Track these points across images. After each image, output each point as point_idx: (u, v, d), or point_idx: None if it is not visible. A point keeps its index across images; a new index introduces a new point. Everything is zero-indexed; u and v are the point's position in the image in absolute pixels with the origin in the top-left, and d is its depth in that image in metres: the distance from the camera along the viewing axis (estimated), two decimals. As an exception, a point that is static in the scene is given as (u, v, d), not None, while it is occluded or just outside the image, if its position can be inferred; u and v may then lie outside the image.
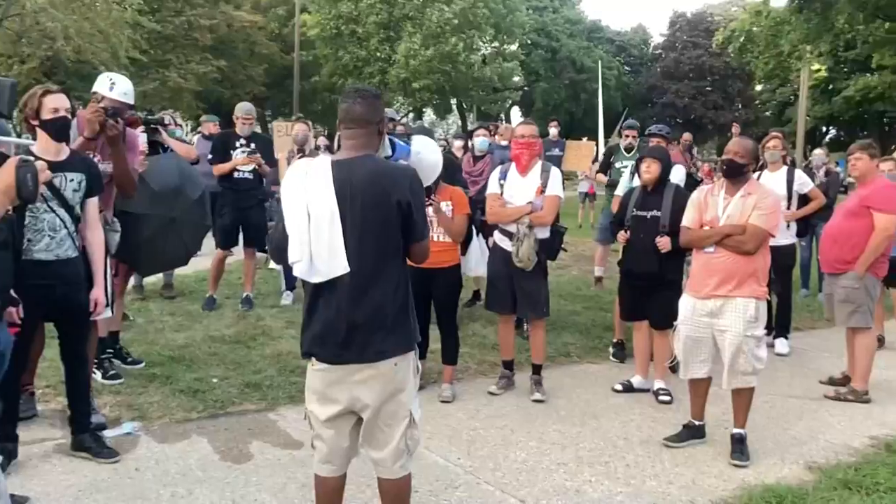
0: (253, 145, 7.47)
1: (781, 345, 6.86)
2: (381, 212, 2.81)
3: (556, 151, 11.20)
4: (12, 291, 3.44)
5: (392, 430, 2.92)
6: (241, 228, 7.49)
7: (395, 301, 2.87)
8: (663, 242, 5.33)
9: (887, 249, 5.68)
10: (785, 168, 6.78)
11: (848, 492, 3.97)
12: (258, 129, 9.22)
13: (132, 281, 7.47)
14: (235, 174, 7.39)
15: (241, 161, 7.36)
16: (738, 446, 4.45)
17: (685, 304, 4.63)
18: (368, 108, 2.89)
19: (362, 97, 2.91)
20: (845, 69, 35.10)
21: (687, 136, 12.00)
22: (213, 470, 4.01)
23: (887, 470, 4.24)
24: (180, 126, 9.00)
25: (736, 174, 4.50)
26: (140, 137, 5.76)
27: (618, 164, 8.77)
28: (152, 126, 6.11)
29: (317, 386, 2.92)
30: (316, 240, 2.76)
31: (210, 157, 7.52)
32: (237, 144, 7.45)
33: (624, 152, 8.72)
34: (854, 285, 5.60)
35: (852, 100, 34.55)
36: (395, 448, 2.93)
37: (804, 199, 6.94)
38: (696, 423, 4.71)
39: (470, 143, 8.17)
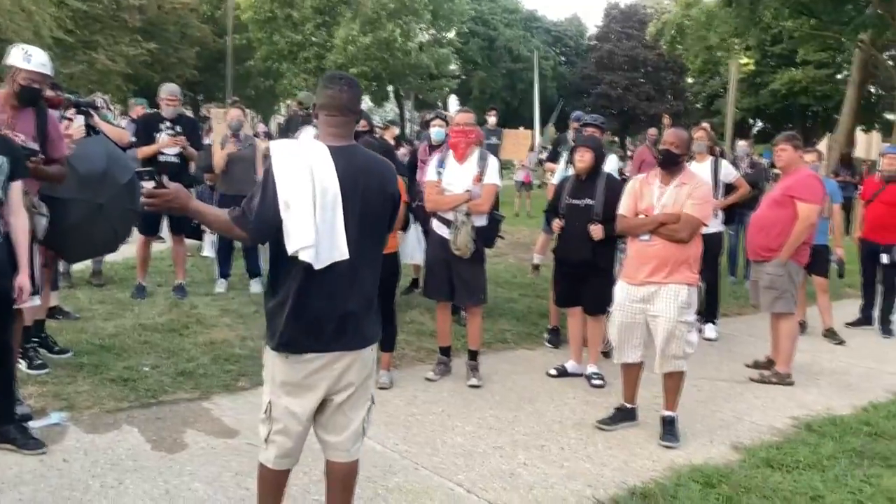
0: (178, 128, 7.25)
1: (710, 330, 7.06)
2: (378, 201, 2.86)
3: (494, 140, 11.25)
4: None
5: (356, 413, 2.94)
6: (167, 215, 7.18)
7: (376, 288, 2.96)
8: (596, 230, 5.43)
9: (809, 238, 5.91)
10: (711, 159, 6.97)
11: (770, 470, 4.14)
12: (189, 113, 9.00)
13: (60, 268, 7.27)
14: (160, 157, 7.14)
15: (166, 143, 7.13)
16: (668, 428, 4.59)
17: (620, 290, 4.73)
18: (354, 96, 2.89)
19: (349, 85, 2.88)
20: (772, 63, 36.19)
21: (653, 131, 12.15)
22: (145, 460, 3.93)
23: (807, 448, 4.44)
24: (111, 110, 8.72)
25: (672, 164, 4.62)
26: (76, 121, 5.59)
27: (565, 153, 8.87)
28: (83, 109, 5.90)
29: (293, 378, 2.79)
30: (321, 225, 2.68)
31: (133, 139, 7.26)
32: (161, 127, 7.22)
33: (571, 142, 8.82)
34: (778, 272, 5.81)
35: (778, 93, 35.70)
36: (355, 431, 2.95)
37: (730, 189, 7.16)
38: (628, 406, 4.83)
39: (425, 133, 8.16)
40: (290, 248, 2.67)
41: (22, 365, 4.89)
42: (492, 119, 11.90)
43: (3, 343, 4.00)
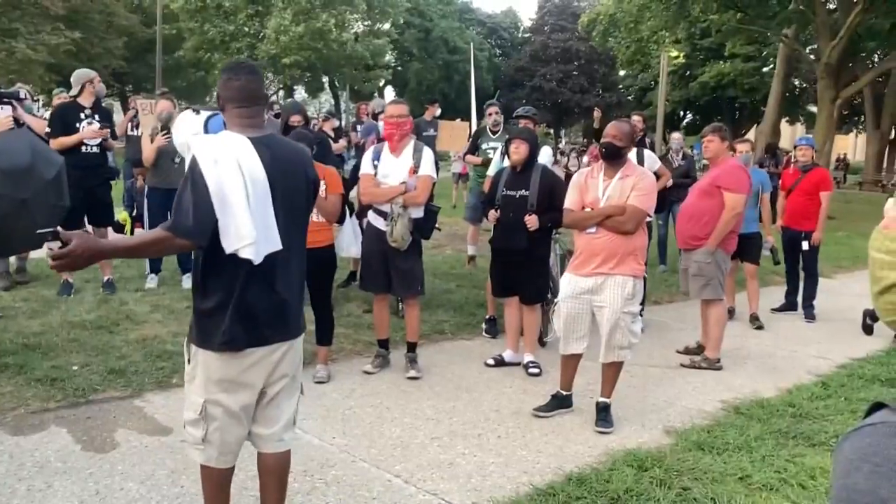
0: (97, 116, 7.03)
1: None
2: (300, 189, 2.85)
3: (432, 132, 11.27)
4: None
5: (288, 404, 2.94)
6: (88, 208, 6.98)
7: (304, 276, 2.96)
8: (531, 220, 5.49)
9: (737, 226, 6.09)
10: (635, 149, 7.07)
11: (701, 452, 4.26)
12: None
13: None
14: (82, 148, 6.91)
15: (91, 133, 6.88)
16: (603, 414, 4.69)
17: (567, 281, 4.77)
18: (261, 83, 2.87)
19: (254, 73, 2.84)
20: (701, 56, 37.09)
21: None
22: (75, 461, 3.83)
23: (735, 431, 4.58)
24: (35, 101, 8.42)
25: (615, 157, 4.67)
26: (2, 112, 5.38)
27: (484, 146, 8.93)
28: (6, 101, 5.68)
29: (229, 375, 2.74)
30: (256, 219, 2.61)
31: (48, 130, 6.91)
32: (82, 116, 6.96)
33: (490, 133, 8.89)
34: (706, 260, 5.97)
35: (707, 85, 36.63)
36: (287, 420, 2.96)
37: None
38: (564, 393, 4.91)
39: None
40: (230, 247, 2.60)
41: (-59, 366, 4.71)
42: (438, 111, 11.85)
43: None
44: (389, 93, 47.92)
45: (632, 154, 6.81)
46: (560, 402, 4.88)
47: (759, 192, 7.51)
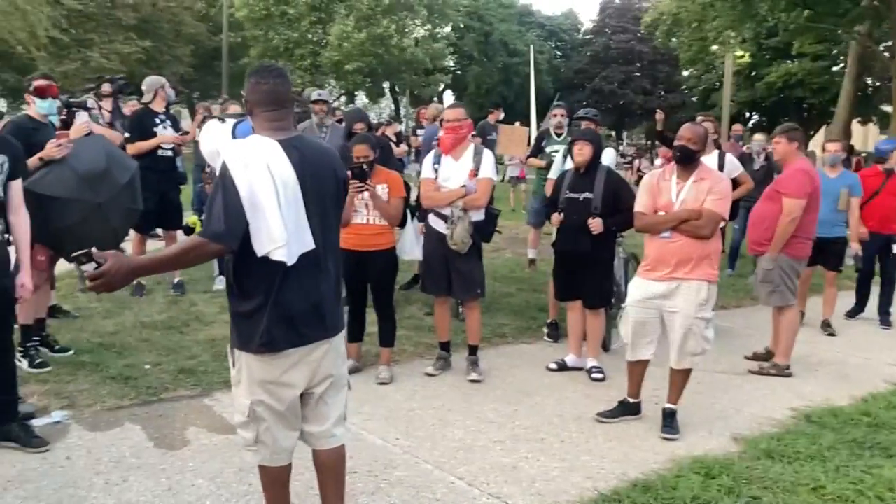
0: (169, 122, 7.25)
1: None
2: (331, 188, 2.88)
3: (494, 135, 11.28)
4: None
5: (337, 399, 2.99)
6: (159, 212, 7.17)
7: (339, 274, 2.99)
8: (595, 224, 5.44)
9: (805, 231, 5.87)
10: (716, 152, 6.91)
11: (771, 461, 4.15)
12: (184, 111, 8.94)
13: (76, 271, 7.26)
14: (157, 152, 7.12)
15: (171, 139, 7.11)
16: (669, 420, 4.61)
17: (637, 286, 4.69)
18: (289, 87, 2.89)
19: (282, 76, 2.86)
20: (767, 56, 36.17)
21: (737, 126, 11.99)
22: (148, 456, 3.95)
23: (806, 439, 4.45)
24: (101, 110, 8.67)
25: (689, 160, 4.56)
26: (79, 118, 5.59)
27: (548, 149, 8.88)
28: (74, 110, 5.90)
29: (271, 376, 2.78)
30: (288, 221, 2.65)
31: (128, 135, 7.13)
32: (157, 121, 7.19)
33: (554, 135, 8.83)
34: (769, 266, 5.84)
35: (774, 86, 35.66)
36: (338, 416, 3.01)
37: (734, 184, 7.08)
38: (632, 400, 4.84)
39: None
40: (262, 250, 2.63)
41: (23, 364, 4.91)
42: (498, 115, 11.82)
43: (3, 341, 4.02)
44: (448, 97, 48.08)
45: (712, 158, 6.68)
46: (626, 409, 4.83)
47: (838, 196, 7.21)
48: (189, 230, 7.93)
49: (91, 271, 2.42)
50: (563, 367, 5.73)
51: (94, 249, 2.44)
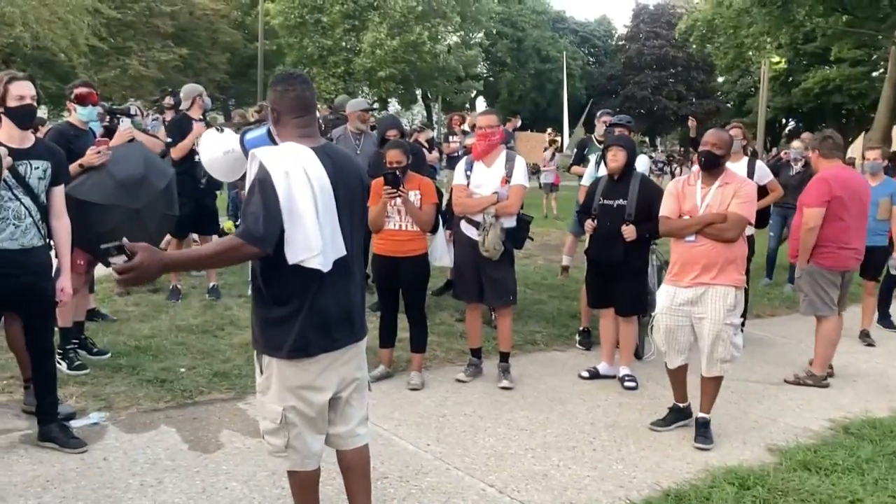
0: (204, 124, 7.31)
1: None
2: (358, 194, 2.94)
3: (513, 143, 11.28)
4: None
5: (360, 402, 3.04)
6: (195, 217, 7.25)
7: (364, 278, 3.06)
8: (628, 231, 5.41)
9: (840, 239, 5.76)
10: (746, 159, 6.84)
11: (807, 473, 4.09)
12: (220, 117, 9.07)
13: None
14: (194, 158, 7.13)
15: (202, 129, 7.02)
16: (702, 430, 4.56)
17: (664, 293, 4.69)
18: (314, 93, 2.93)
19: (307, 82, 2.89)
20: (804, 61, 35.71)
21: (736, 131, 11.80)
22: (182, 459, 4.00)
23: (844, 451, 4.37)
24: (147, 115, 8.85)
25: (714, 165, 4.56)
26: (122, 124, 5.70)
27: (591, 156, 8.84)
28: (117, 117, 6.01)
29: (303, 381, 2.80)
30: (324, 229, 2.69)
31: (169, 140, 7.23)
32: (193, 127, 7.24)
33: (596, 143, 8.80)
34: (797, 275, 5.86)
35: (811, 92, 35.20)
36: (361, 417, 3.06)
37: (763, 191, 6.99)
38: (681, 405, 4.81)
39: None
40: (294, 258, 2.65)
41: (62, 366, 5.00)
42: (515, 123, 11.79)
43: (44, 344, 4.11)
44: (480, 103, 48.13)
45: (742, 165, 6.63)
46: (678, 415, 4.80)
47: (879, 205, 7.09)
48: (223, 234, 8.05)
49: (121, 264, 2.41)
50: (595, 374, 5.70)
51: (125, 241, 2.42)
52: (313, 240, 2.65)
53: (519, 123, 11.51)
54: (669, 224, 4.69)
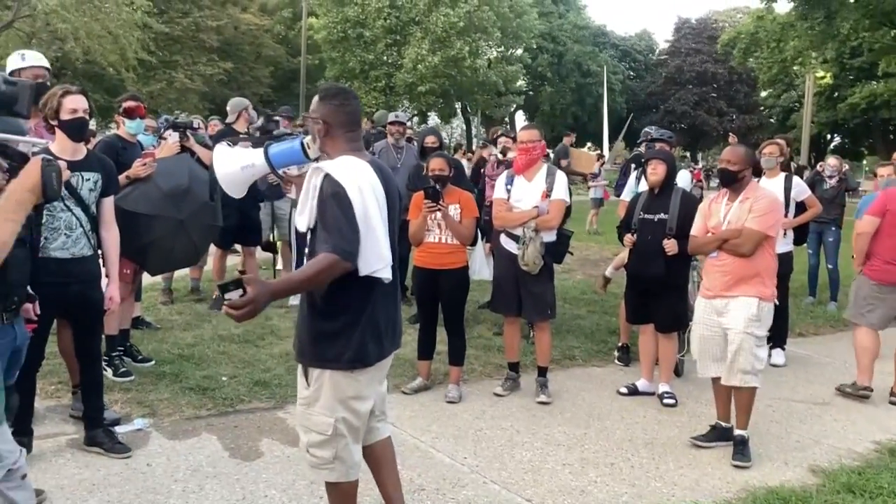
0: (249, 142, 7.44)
1: (778, 355, 6.69)
2: (397, 205, 3.04)
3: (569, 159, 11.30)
4: (29, 288, 3.51)
5: (381, 397, 3.18)
6: (239, 228, 7.28)
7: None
8: (670, 245, 5.37)
9: (890, 255, 5.70)
10: (783, 175, 6.75)
11: (852, 496, 4.01)
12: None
13: (162, 283, 7.54)
14: None
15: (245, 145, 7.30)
16: (740, 448, 4.51)
17: (699, 304, 4.82)
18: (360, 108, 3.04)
19: (357, 98, 3.01)
20: (850, 76, 35.12)
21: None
22: (223, 466, 4.07)
23: (890, 474, 4.28)
24: (206, 130, 8.99)
25: (730, 181, 4.67)
26: (170, 137, 5.83)
27: (636, 171, 8.84)
28: (181, 130, 6.16)
29: (357, 390, 2.85)
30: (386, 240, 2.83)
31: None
32: (239, 140, 7.33)
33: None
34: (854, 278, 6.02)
35: (857, 107, 34.56)
36: (382, 409, 3.23)
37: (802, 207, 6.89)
38: (724, 424, 4.76)
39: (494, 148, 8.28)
40: (367, 269, 2.72)
41: (108, 372, 5.11)
42: (571, 139, 11.79)
43: (92, 351, 4.21)
44: (520, 118, 48.12)
45: (779, 181, 6.56)
46: (720, 435, 4.74)
47: None
48: (268, 246, 8.14)
49: (236, 299, 2.48)
50: (634, 391, 5.65)
51: (243, 276, 2.52)
52: (384, 251, 2.75)
53: (574, 139, 11.53)
54: (695, 242, 4.90)
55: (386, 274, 2.78)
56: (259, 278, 2.57)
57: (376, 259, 2.74)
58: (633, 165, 8.54)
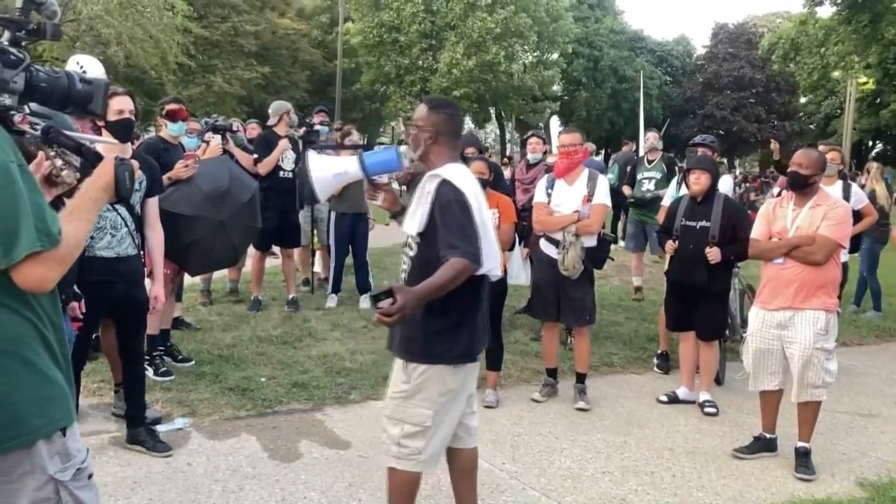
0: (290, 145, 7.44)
1: None
2: None
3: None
4: (75, 287, 3.56)
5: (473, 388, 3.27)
6: (278, 230, 7.37)
7: None
8: (713, 253, 5.28)
9: None
10: (840, 182, 6.60)
11: (901, 509, 3.91)
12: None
13: (200, 284, 7.62)
14: (279, 174, 7.31)
15: (286, 146, 7.26)
16: (803, 460, 4.41)
17: (754, 315, 4.62)
18: None
19: (460, 110, 3.25)
20: (894, 82, 34.40)
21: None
22: (262, 467, 4.08)
23: (943, 489, 4.16)
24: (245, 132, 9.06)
25: (801, 186, 4.45)
26: (213, 140, 5.88)
27: (639, 175, 8.80)
28: (221, 132, 6.21)
29: (459, 384, 3.01)
30: None
31: (256, 156, 7.29)
32: (280, 142, 7.32)
33: (646, 163, 8.76)
34: None
35: (901, 113, 33.84)
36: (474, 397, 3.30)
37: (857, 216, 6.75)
38: (768, 436, 4.66)
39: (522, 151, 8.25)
40: (484, 269, 2.90)
41: (149, 371, 5.16)
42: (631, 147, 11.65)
43: (134, 350, 4.26)
44: (555, 122, 47.90)
45: (837, 188, 6.42)
46: (763, 445, 4.65)
47: None
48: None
49: (387, 307, 2.59)
50: (674, 399, 5.57)
51: (392, 286, 2.64)
52: (495, 251, 2.99)
53: (633, 147, 11.50)
54: (758, 246, 4.62)
55: (498, 272, 3.01)
56: (405, 287, 2.73)
57: (490, 259, 2.92)
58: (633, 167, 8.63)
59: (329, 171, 3.17)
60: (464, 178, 2.93)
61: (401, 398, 3.00)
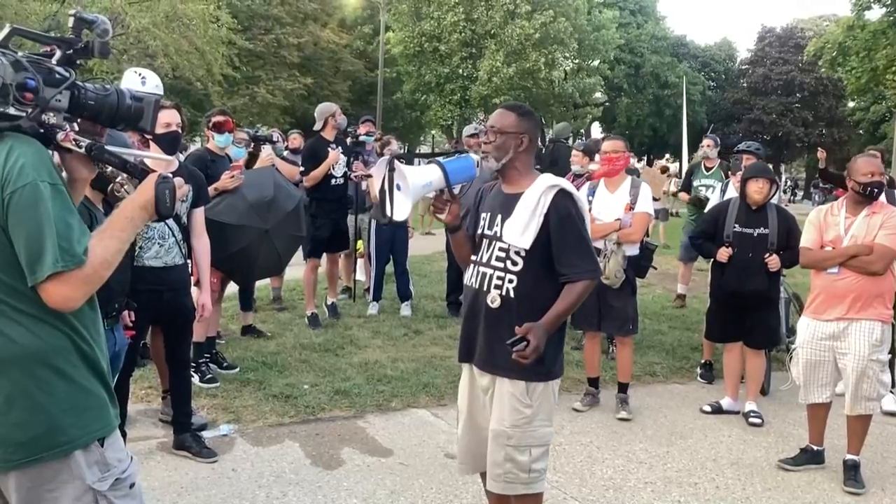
0: (340, 147, 7.20)
1: (889, 402, 5.69)
2: None
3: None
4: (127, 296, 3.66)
5: None
6: (330, 236, 7.31)
7: None
8: (773, 262, 5.19)
9: None
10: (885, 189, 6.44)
11: (954, 525, 3.81)
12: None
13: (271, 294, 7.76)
14: (331, 181, 7.11)
15: (336, 157, 7.02)
16: (853, 473, 4.32)
17: (805, 326, 4.51)
18: None
19: None
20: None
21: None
22: (306, 473, 4.13)
23: None
24: (286, 143, 9.16)
25: (880, 193, 4.38)
26: (264, 150, 5.98)
27: (696, 182, 8.66)
28: (261, 142, 6.31)
29: (556, 396, 3.03)
30: None
31: (301, 168, 7.19)
32: (329, 150, 7.07)
33: (703, 170, 8.62)
34: None
35: (954, 118, 32.96)
36: None
37: None
38: (815, 447, 4.58)
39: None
40: None
41: (195, 378, 5.26)
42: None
43: (181, 357, 4.36)
44: (595, 129, 47.60)
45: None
46: (811, 457, 4.56)
47: None
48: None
49: (523, 350, 2.64)
50: (717, 409, 5.49)
51: (524, 333, 2.66)
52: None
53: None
54: (811, 255, 4.49)
55: None
56: (532, 324, 2.69)
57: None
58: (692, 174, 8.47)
59: (419, 181, 2.95)
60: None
61: (525, 423, 2.85)
